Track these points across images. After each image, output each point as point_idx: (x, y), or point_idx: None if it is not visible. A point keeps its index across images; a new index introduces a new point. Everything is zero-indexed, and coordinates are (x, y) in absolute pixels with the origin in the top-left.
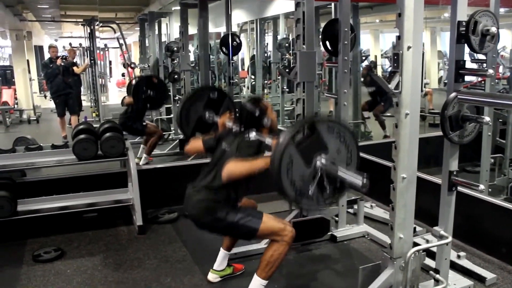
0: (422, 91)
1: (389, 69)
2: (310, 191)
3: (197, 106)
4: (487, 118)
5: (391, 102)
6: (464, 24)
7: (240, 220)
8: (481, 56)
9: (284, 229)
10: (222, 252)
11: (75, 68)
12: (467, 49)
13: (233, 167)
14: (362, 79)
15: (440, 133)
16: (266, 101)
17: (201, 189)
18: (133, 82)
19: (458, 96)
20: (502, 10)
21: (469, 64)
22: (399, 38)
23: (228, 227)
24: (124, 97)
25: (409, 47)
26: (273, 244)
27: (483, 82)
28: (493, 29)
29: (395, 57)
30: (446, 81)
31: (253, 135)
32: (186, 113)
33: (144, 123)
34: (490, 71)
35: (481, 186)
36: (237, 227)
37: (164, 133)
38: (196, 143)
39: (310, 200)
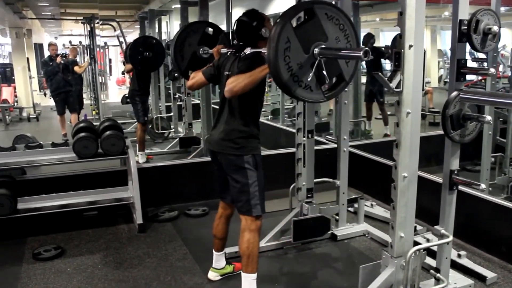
0: (423, 89)
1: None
2: (308, 78)
3: (192, 40)
4: (488, 117)
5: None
6: (466, 22)
7: (253, 192)
8: (481, 55)
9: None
10: (215, 254)
11: (76, 68)
12: (467, 48)
13: (233, 81)
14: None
15: (440, 131)
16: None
17: (223, 126)
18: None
19: (461, 95)
20: (502, 9)
21: (469, 63)
22: (400, 36)
23: (240, 182)
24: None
25: (410, 46)
26: (243, 236)
27: (483, 80)
28: (495, 28)
29: (397, 56)
30: (446, 80)
31: (248, 50)
32: (180, 45)
33: (146, 118)
34: (492, 70)
35: (482, 185)
36: (244, 191)
37: (164, 131)
38: (196, 76)
39: (305, 90)
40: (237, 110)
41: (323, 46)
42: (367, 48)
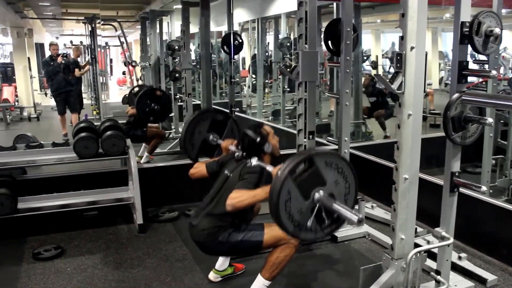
0: (424, 91)
1: (390, 69)
2: (309, 224)
3: (201, 128)
4: (490, 119)
5: (392, 113)
6: (468, 24)
7: (243, 238)
8: (482, 57)
9: None
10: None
11: (76, 70)
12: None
13: (237, 197)
14: (363, 89)
15: (441, 133)
16: (268, 127)
17: (205, 216)
18: (134, 90)
19: (463, 97)
20: (503, 11)
21: (470, 65)
22: (402, 38)
23: (233, 247)
24: (127, 111)
25: (412, 48)
26: (280, 246)
27: (483, 83)
28: (497, 30)
29: (398, 58)
30: (447, 82)
31: (254, 161)
32: (190, 135)
33: (144, 129)
34: (494, 72)
35: (483, 188)
36: (243, 246)
37: (165, 131)
38: (200, 167)
39: (309, 232)
40: (223, 210)
41: (322, 192)
42: (361, 217)
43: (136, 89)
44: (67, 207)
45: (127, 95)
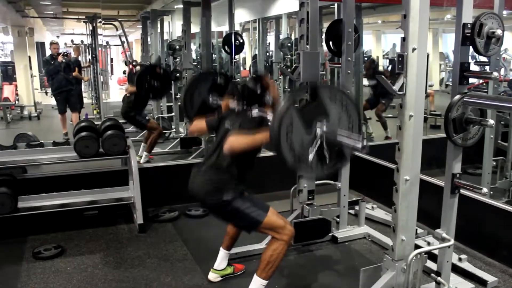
0: (425, 92)
1: (390, 68)
2: (309, 157)
3: (201, 89)
4: (491, 121)
5: (392, 99)
6: (470, 26)
7: (246, 209)
8: (483, 58)
9: (285, 227)
10: (222, 252)
11: (75, 73)
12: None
13: (235, 140)
14: (364, 72)
15: (441, 134)
16: (269, 78)
17: (207, 169)
18: (134, 70)
19: (464, 99)
20: (504, 12)
21: (472, 66)
22: (404, 39)
23: (232, 212)
24: (126, 89)
25: (414, 49)
26: (272, 243)
27: (484, 84)
28: (499, 32)
29: (400, 59)
30: (447, 83)
31: (255, 111)
32: (190, 95)
33: (147, 117)
34: (495, 73)
35: (484, 189)
36: (242, 216)
37: (165, 131)
38: (199, 123)
39: (308, 167)
40: (225, 159)
41: (325, 127)
42: (365, 144)
43: (138, 67)
44: (68, 206)
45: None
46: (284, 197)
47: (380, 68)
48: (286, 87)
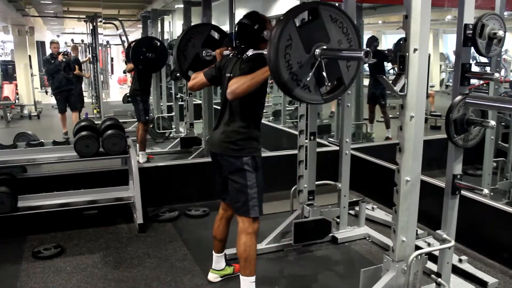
0: (426, 93)
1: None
2: (307, 79)
3: (196, 41)
4: (492, 122)
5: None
6: (471, 27)
7: (252, 194)
8: (483, 59)
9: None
10: (215, 255)
11: (77, 71)
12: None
13: (235, 83)
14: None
15: (441, 135)
16: (263, 14)
17: (224, 127)
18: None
19: (466, 100)
20: (505, 13)
21: (473, 67)
22: (405, 40)
23: (240, 184)
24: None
25: (415, 50)
26: (240, 238)
27: (484, 85)
28: (500, 33)
29: (401, 59)
30: (448, 84)
31: (251, 52)
32: (184, 46)
33: (147, 117)
34: (496, 74)
35: (485, 191)
36: (244, 195)
37: (165, 131)
38: (197, 77)
39: (304, 90)
40: (237, 112)
41: (325, 47)
42: (368, 49)
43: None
44: (67, 206)
45: (127, 94)
46: (284, 197)
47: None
48: None
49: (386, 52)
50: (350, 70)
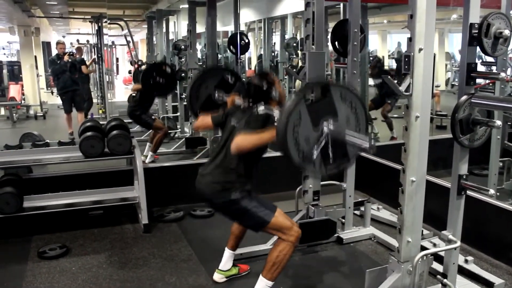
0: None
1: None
2: (314, 155)
3: (209, 83)
4: (498, 122)
5: (397, 99)
6: (477, 26)
7: (253, 208)
8: (489, 59)
9: (291, 228)
10: (227, 252)
11: (83, 67)
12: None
13: (242, 140)
14: (369, 71)
15: (447, 135)
16: (273, 75)
17: (214, 169)
18: (140, 69)
19: (472, 100)
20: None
21: (478, 67)
22: (410, 39)
23: (240, 211)
24: (132, 88)
25: (420, 49)
26: (279, 244)
27: (490, 84)
28: (506, 32)
29: (406, 59)
30: (453, 83)
31: (261, 108)
32: (197, 88)
33: (153, 117)
34: (502, 74)
35: (491, 191)
36: (249, 215)
37: (170, 131)
38: (205, 119)
39: (312, 164)
40: (233, 159)
41: (332, 125)
42: (373, 144)
43: (143, 67)
44: (73, 206)
45: (133, 94)
46: (289, 197)
47: (386, 68)
48: (292, 87)
49: (389, 71)
50: (355, 148)
